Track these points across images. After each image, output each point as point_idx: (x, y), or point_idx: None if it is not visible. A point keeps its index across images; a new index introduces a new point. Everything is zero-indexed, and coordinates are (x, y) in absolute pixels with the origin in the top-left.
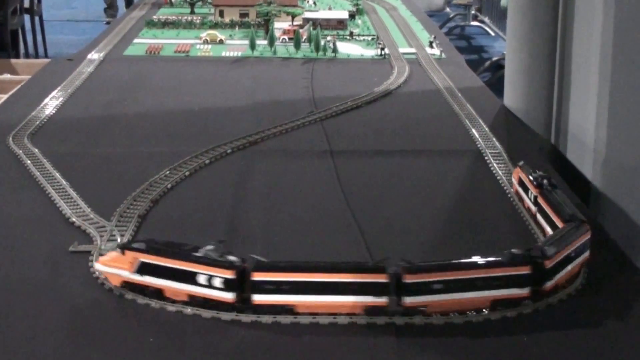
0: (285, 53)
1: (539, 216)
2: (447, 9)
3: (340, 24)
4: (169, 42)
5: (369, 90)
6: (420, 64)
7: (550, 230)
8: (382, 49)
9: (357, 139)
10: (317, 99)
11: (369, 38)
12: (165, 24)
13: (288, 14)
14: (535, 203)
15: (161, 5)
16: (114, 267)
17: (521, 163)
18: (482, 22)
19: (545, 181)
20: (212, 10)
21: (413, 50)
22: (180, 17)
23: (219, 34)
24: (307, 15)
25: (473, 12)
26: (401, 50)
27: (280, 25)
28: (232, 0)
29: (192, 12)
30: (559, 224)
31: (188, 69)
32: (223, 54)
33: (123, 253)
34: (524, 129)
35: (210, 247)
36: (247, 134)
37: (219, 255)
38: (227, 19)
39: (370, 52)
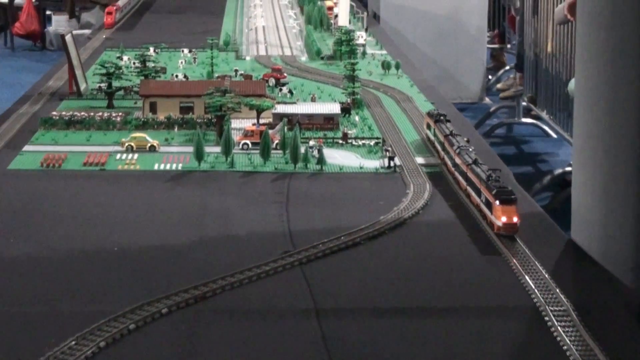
0: (247, 165)
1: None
2: (487, 100)
3: (329, 121)
4: (76, 149)
5: (371, 220)
6: (446, 180)
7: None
8: (391, 158)
9: (353, 293)
10: (294, 234)
11: (372, 142)
12: (70, 123)
13: (252, 107)
14: (435, 135)
15: (64, 97)
16: None
17: (429, 110)
18: (537, 118)
19: (442, 117)
20: (140, 103)
21: (436, 160)
22: (92, 114)
23: (149, 138)
24: (280, 109)
25: (524, 103)
26: (419, 160)
27: (241, 124)
28: (169, 88)
29: (111, 106)
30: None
31: (104, 189)
32: (156, 166)
33: None
34: (601, 275)
35: None
36: (191, 285)
37: None
38: (161, 116)
39: (374, 163)
